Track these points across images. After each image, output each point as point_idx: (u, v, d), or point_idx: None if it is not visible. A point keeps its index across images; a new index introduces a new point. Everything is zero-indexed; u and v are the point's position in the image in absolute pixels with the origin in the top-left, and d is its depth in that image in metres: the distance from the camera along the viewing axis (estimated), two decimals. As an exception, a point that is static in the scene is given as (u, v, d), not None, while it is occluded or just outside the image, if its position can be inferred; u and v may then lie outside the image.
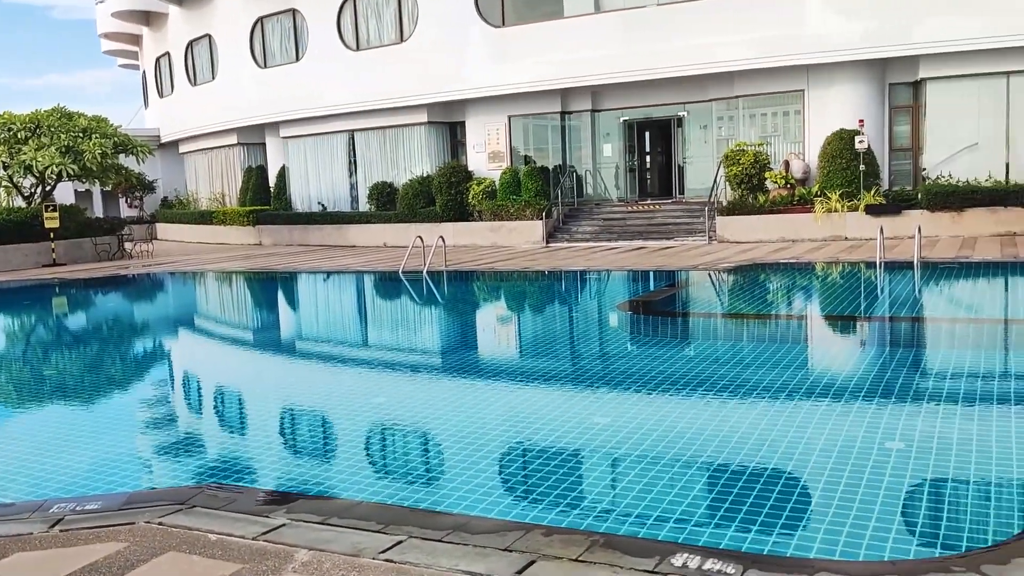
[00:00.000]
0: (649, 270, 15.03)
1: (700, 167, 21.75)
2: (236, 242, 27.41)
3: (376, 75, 23.99)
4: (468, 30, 22.41)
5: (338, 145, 25.97)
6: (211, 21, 29.14)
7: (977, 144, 17.93)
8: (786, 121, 20.34)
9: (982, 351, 7.98)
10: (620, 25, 20.51)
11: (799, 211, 18.30)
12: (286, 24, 26.53)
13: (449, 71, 22.70)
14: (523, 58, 21.60)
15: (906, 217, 17.25)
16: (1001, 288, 12.05)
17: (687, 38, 19.59)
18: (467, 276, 15.96)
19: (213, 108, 29.11)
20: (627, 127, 22.76)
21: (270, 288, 17.14)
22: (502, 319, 12.52)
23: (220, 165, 30.88)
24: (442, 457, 5.61)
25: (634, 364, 8.17)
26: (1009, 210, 16.72)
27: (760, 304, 12.26)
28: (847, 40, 18.12)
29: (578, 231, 21.23)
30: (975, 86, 17.84)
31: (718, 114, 21.27)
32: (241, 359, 10.40)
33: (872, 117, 18.80)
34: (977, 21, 17.09)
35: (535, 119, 23.24)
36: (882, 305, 11.03)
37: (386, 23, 24.23)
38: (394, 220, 23.38)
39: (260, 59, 27.38)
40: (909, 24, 17.66)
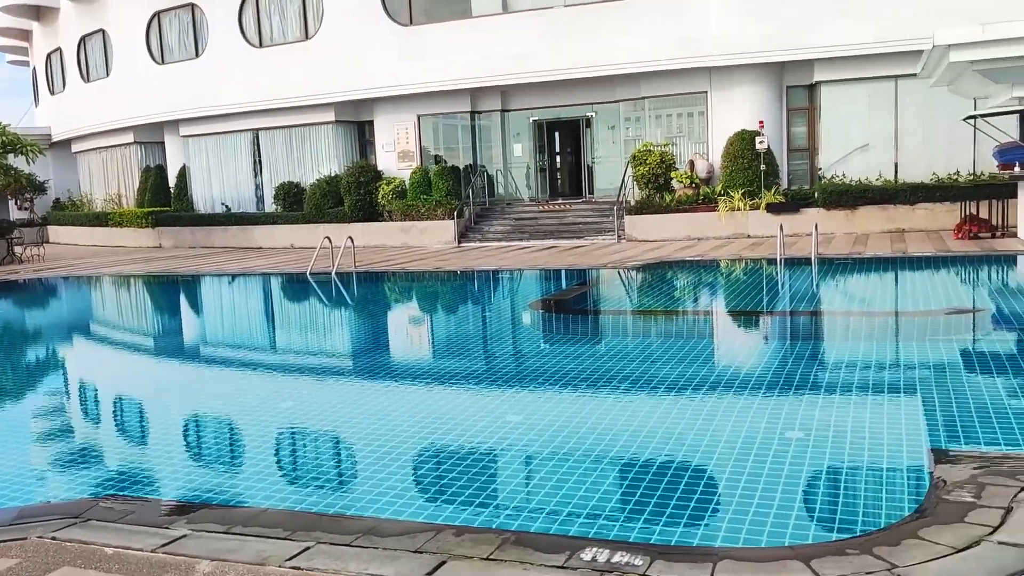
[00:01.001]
0: (561, 269, 15.16)
1: (609, 167, 22.08)
2: (134, 245, 26.44)
3: (281, 73, 23.49)
4: (375, 28, 22.18)
5: (242, 144, 25.33)
6: (105, 15, 28.01)
7: (868, 145, 18.76)
8: (691, 122, 20.85)
9: (874, 342, 8.34)
10: (529, 25, 20.64)
11: (704, 210, 18.77)
12: (185, 19, 25.71)
13: (356, 69, 22.41)
14: (432, 57, 21.50)
15: (804, 215, 17.89)
16: (891, 282, 12.62)
17: (595, 39, 19.86)
18: (377, 277, 15.79)
19: (108, 106, 27.97)
20: (537, 127, 22.93)
21: (171, 292, 16.59)
22: (413, 320, 12.44)
23: (116, 165, 29.70)
24: (353, 460, 5.53)
25: (546, 362, 8.23)
26: (898, 208, 17.55)
27: (668, 301, 12.52)
28: (747, 44, 18.70)
29: (490, 231, 21.27)
30: (866, 89, 18.66)
31: (625, 115, 21.64)
32: (141, 366, 10.02)
33: (771, 119, 19.44)
34: (867, 27, 17.87)
35: (445, 118, 23.18)
36: (783, 300, 11.41)
37: (290, 20, 23.76)
38: (301, 221, 22.95)
39: (158, 55, 26.47)
40: (804, 29, 18.33)
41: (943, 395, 5.95)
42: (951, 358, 7.32)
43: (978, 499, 3.86)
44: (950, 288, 11.86)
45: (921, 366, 6.98)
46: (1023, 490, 3.92)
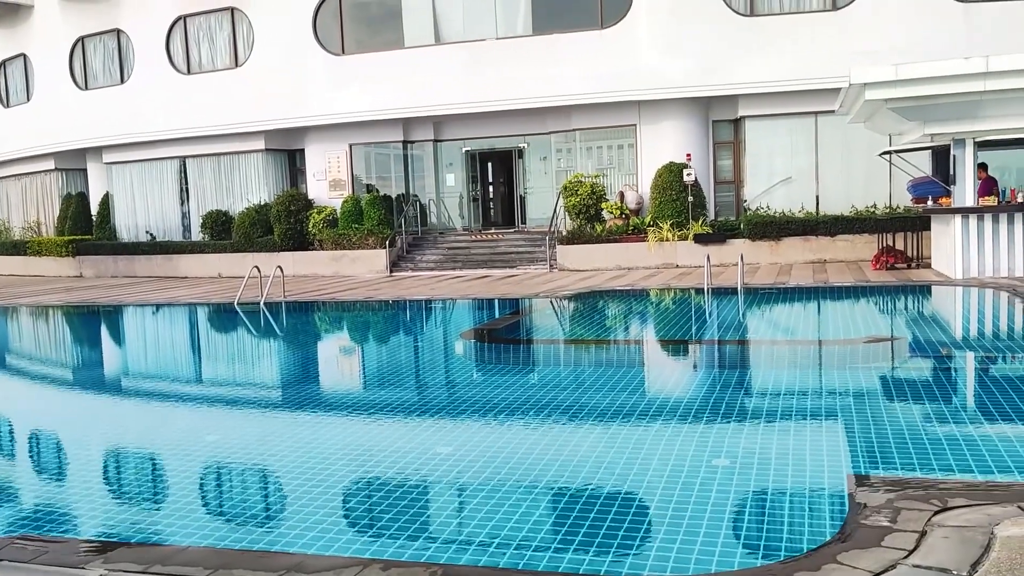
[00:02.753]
0: (493, 298, 15.19)
1: (541, 197, 22.31)
2: (53, 274, 25.58)
3: (209, 100, 23.16)
4: (307, 57, 22.08)
5: (168, 172, 24.81)
6: (26, 40, 27.28)
7: (791, 178, 19.38)
8: (621, 154, 21.24)
9: (797, 370, 8.56)
10: (461, 57, 20.81)
11: (634, 240, 19.08)
12: (110, 45, 25.20)
13: (287, 98, 22.25)
14: (364, 86, 21.49)
15: (731, 245, 18.34)
16: (814, 311, 13.00)
17: (526, 72, 20.13)
18: (307, 307, 15.58)
19: (28, 131, 27.14)
20: (470, 157, 23.06)
21: (91, 323, 16.07)
22: (343, 350, 12.29)
23: (35, 192, 28.76)
24: (279, 495, 5.41)
25: (478, 392, 8.21)
26: (819, 239, 18.13)
27: (599, 330, 12.65)
28: (673, 79, 19.19)
29: (423, 260, 21.22)
30: (788, 124, 19.32)
31: (557, 146, 21.93)
32: (57, 400, 9.66)
33: (698, 151, 19.94)
34: (787, 65, 18.55)
35: (377, 147, 23.14)
36: (710, 329, 11.64)
37: (220, 47, 23.49)
38: (230, 250, 22.55)
39: (81, 80, 25.85)
40: (728, 66, 18.93)
41: (862, 421, 6.13)
42: (870, 385, 7.56)
43: (894, 523, 3.98)
44: (869, 317, 12.28)
45: (842, 393, 7.18)
46: (936, 513, 4.06)
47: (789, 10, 18.95)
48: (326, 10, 21.95)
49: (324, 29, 22.01)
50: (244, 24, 22.94)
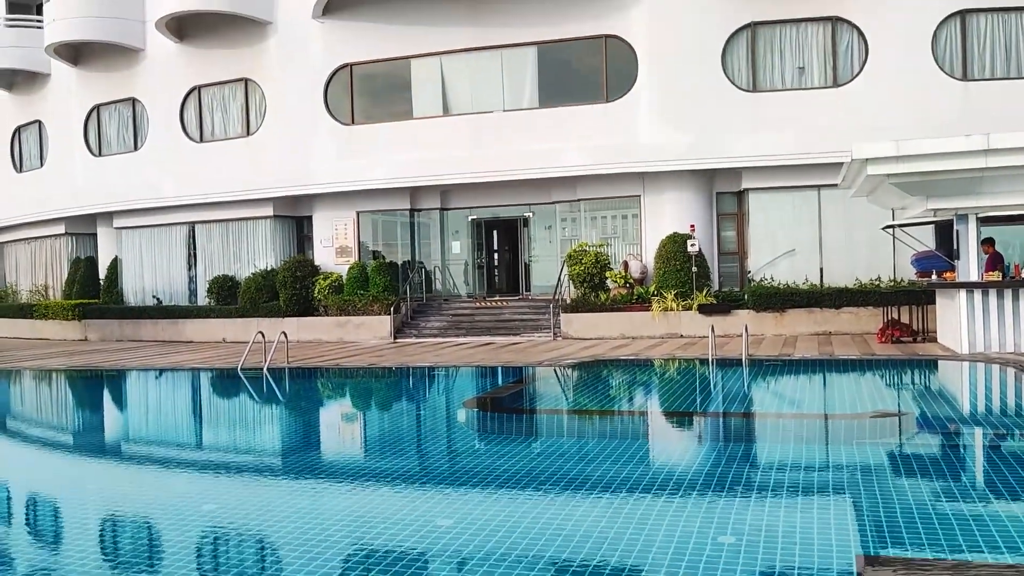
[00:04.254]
0: (497, 366, 15.14)
1: (545, 265, 22.44)
2: (58, 337, 25.62)
3: (220, 168, 23.54)
4: (317, 126, 22.50)
5: (177, 237, 25.05)
6: (43, 107, 27.90)
7: (795, 250, 19.48)
8: (625, 224, 21.42)
9: (804, 444, 8.46)
10: (468, 128, 21.18)
11: (638, 309, 19.10)
12: (125, 113, 25.74)
13: (297, 166, 22.59)
14: (372, 156, 21.83)
15: (735, 316, 18.33)
16: (819, 384, 12.92)
17: (532, 143, 20.45)
18: (310, 373, 15.53)
19: (40, 196, 27.57)
20: (475, 225, 23.27)
21: (93, 387, 16.02)
22: (345, 418, 12.20)
23: (45, 256, 29.03)
24: (277, 564, 5.31)
25: (481, 462, 8.12)
26: (824, 311, 18.13)
27: (603, 400, 12.56)
28: (676, 151, 19.48)
29: (427, 327, 21.23)
30: (791, 197, 19.51)
31: (562, 215, 22.14)
32: (55, 465, 9.57)
33: (702, 223, 20.10)
34: (789, 140, 18.86)
35: (384, 215, 23.38)
36: (715, 401, 11.55)
37: (232, 116, 23.97)
38: (235, 315, 22.61)
39: (95, 147, 26.33)
40: (730, 139, 19.23)
41: (871, 498, 6.04)
42: (878, 461, 7.46)
43: (906, 605, 3.88)
44: (876, 391, 12.18)
45: (849, 468, 7.09)
46: (948, 595, 3.96)
47: (791, 86, 19.34)
48: (337, 81, 22.45)
49: (335, 99, 22.48)
50: (257, 94, 23.44)
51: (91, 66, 25.99)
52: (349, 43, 22.11)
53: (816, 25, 19.14)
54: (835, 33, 19.05)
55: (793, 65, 19.37)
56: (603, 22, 20.11)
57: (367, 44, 21.97)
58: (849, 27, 18.96)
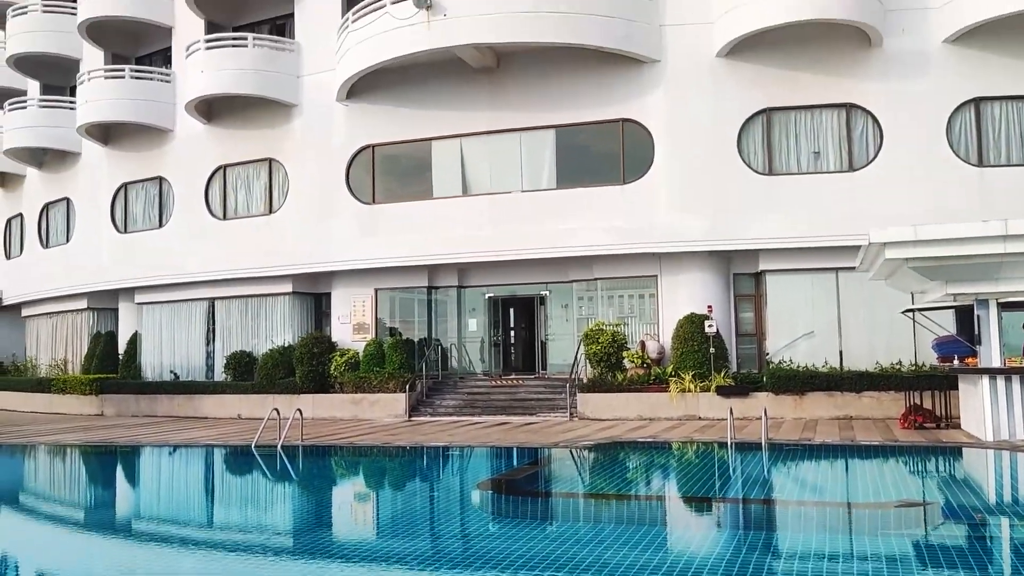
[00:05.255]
0: (512, 447, 14.97)
1: (562, 344, 22.38)
2: (75, 412, 25.64)
3: (242, 245, 23.88)
4: (338, 205, 22.85)
5: (197, 313, 25.27)
6: (72, 184, 28.61)
7: (813, 333, 19.35)
8: (642, 303, 21.40)
9: (827, 534, 8.25)
10: (487, 208, 21.43)
11: (655, 390, 18.93)
12: (152, 191, 26.32)
13: (317, 244, 22.88)
14: (392, 234, 22.08)
15: (754, 399, 18.12)
16: (841, 470, 12.66)
17: (550, 223, 20.64)
18: (324, 451, 15.41)
19: (65, 271, 28.03)
20: (492, 303, 23.34)
21: (106, 463, 15.94)
22: (358, 498, 12.05)
23: (66, 330, 29.31)
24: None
25: (495, 545, 7.95)
26: (844, 395, 17.88)
27: (620, 483, 12.34)
28: (692, 233, 19.60)
29: (442, 405, 21.10)
30: (809, 279, 19.49)
31: (579, 294, 22.18)
32: (65, 541, 9.46)
33: (719, 303, 20.06)
34: (805, 223, 18.95)
35: (402, 292, 23.51)
36: (735, 486, 11.33)
37: (255, 194, 24.42)
38: (251, 391, 22.60)
39: (121, 224, 26.86)
40: (746, 222, 19.34)
41: (896, 592, 5.84)
42: (903, 552, 7.25)
43: None
44: (899, 479, 11.92)
45: (873, 559, 6.88)
46: None
47: (807, 170, 19.52)
48: (359, 162, 22.89)
49: (356, 179, 22.88)
50: (280, 173, 23.93)
51: (121, 145, 26.69)
52: (372, 125, 22.63)
53: (830, 111, 19.42)
54: (849, 119, 19.31)
55: (808, 149, 19.59)
56: (620, 106, 20.50)
57: (389, 126, 22.46)
58: (863, 113, 19.22)
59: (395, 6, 20.29)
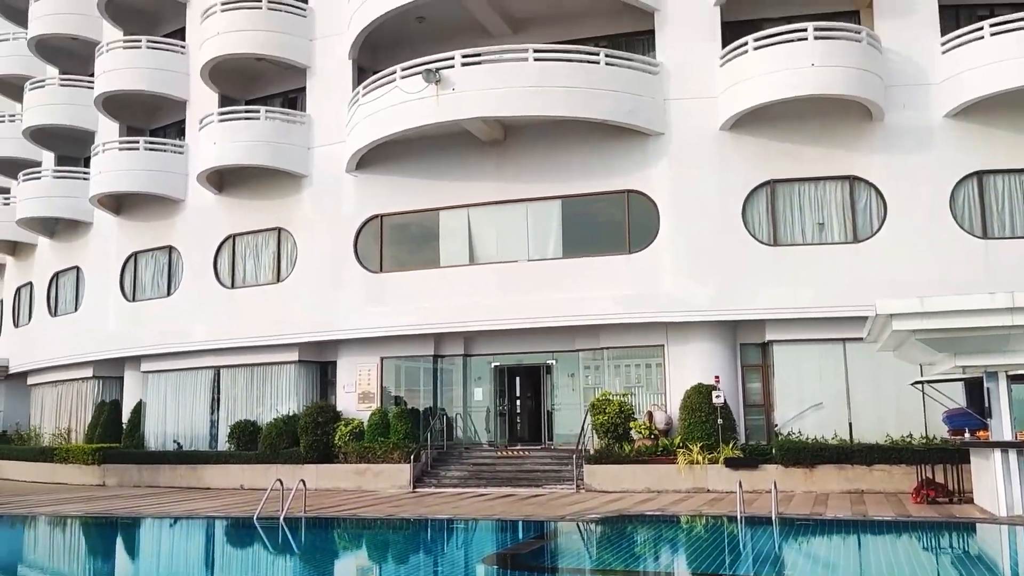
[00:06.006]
0: (518, 520, 14.74)
1: (568, 413, 22.20)
2: (77, 482, 25.42)
3: (250, 313, 23.97)
4: (346, 274, 22.99)
5: (202, 381, 25.22)
6: (82, 253, 28.89)
7: (822, 404, 19.19)
8: (649, 373, 21.28)
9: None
10: (494, 276, 21.53)
11: (663, 461, 18.70)
12: (161, 260, 26.54)
13: (324, 312, 22.95)
14: (399, 303, 22.14)
15: (763, 471, 17.88)
16: (854, 547, 12.40)
17: (556, 292, 20.70)
18: (327, 523, 15.19)
19: (72, 340, 28.13)
20: (498, 372, 23.24)
21: (106, 535, 15.71)
22: (361, 573, 11.82)
23: (71, 399, 29.24)
24: None
25: (498, 628, 7.77)
26: (855, 468, 17.62)
27: (627, 559, 12.10)
28: (699, 303, 19.62)
29: (447, 476, 20.86)
30: (816, 350, 19.41)
31: (585, 363, 22.09)
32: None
33: (727, 374, 19.95)
34: (811, 293, 18.99)
35: (408, 361, 23.45)
36: (745, 563, 11.09)
37: (264, 263, 24.61)
38: (254, 461, 22.41)
39: (129, 292, 27.03)
40: (752, 292, 19.37)
41: None
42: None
43: None
44: (913, 556, 11.66)
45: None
46: None
47: (811, 241, 19.62)
48: (367, 231, 23.11)
49: (364, 248, 23.06)
50: (289, 242, 24.14)
51: (132, 215, 27.03)
52: (380, 195, 22.91)
53: (834, 183, 19.61)
54: (853, 191, 19.50)
55: (813, 221, 19.72)
56: (625, 178, 20.74)
57: (398, 196, 22.73)
58: (867, 186, 19.41)
59: (405, 80, 20.74)
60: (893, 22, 19.44)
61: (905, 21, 19.42)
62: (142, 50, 26.20)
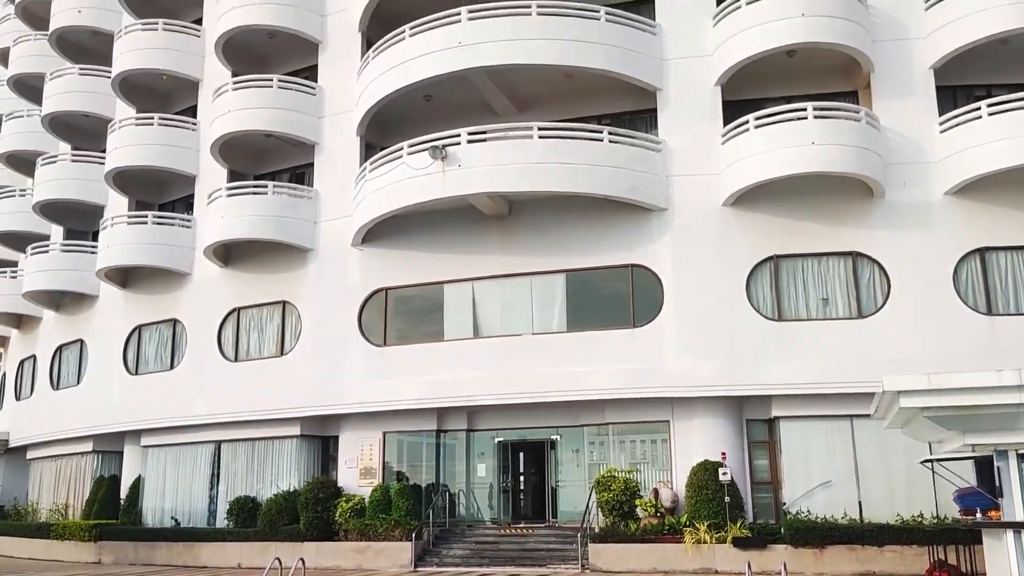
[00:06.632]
0: (521, 603, 14.38)
1: (573, 490, 21.88)
2: (72, 559, 24.95)
3: (252, 386, 23.87)
4: (350, 347, 22.95)
5: (202, 456, 24.96)
6: (87, 326, 28.93)
7: (831, 482, 18.89)
8: (654, 449, 21.03)
9: None
10: (498, 350, 21.47)
11: (670, 540, 18.34)
12: (165, 333, 26.57)
13: (327, 386, 22.83)
14: (402, 377, 22.04)
15: (772, 551, 17.52)
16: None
17: (560, 366, 20.61)
18: (327, 606, 14.80)
19: (73, 413, 27.99)
20: (502, 447, 22.98)
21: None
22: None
23: (69, 473, 28.91)
24: None
25: None
26: (866, 549, 17.26)
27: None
28: (704, 378, 19.52)
29: (449, 554, 20.45)
30: (824, 427, 19.21)
31: (590, 439, 21.85)
32: None
33: (733, 451, 19.71)
34: (816, 369, 18.89)
35: (410, 436, 23.23)
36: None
37: (268, 336, 24.61)
38: (253, 538, 22.02)
39: (132, 366, 27.00)
40: (757, 367, 19.29)
41: None
42: None
43: None
44: (929, 641, 11.31)
45: None
46: None
47: (815, 316, 19.61)
48: (372, 304, 23.14)
49: (368, 321, 23.06)
50: (293, 316, 24.17)
51: (138, 288, 27.15)
52: (385, 269, 23.01)
53: (837, 259, 19.70)
54: (856, 267, 19.57)
55: (817, 296, 19.75)
56: (629, 252, 20.85)
57: (402, 270, 22.84)
58: (870, 262, 19.49)
59: (411, 156, 21.07)
60: (891, 102, 19.82)
61: (903, 101, 19.80)
62: (154, 127, 26.73)
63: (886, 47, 20.11)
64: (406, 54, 21.64)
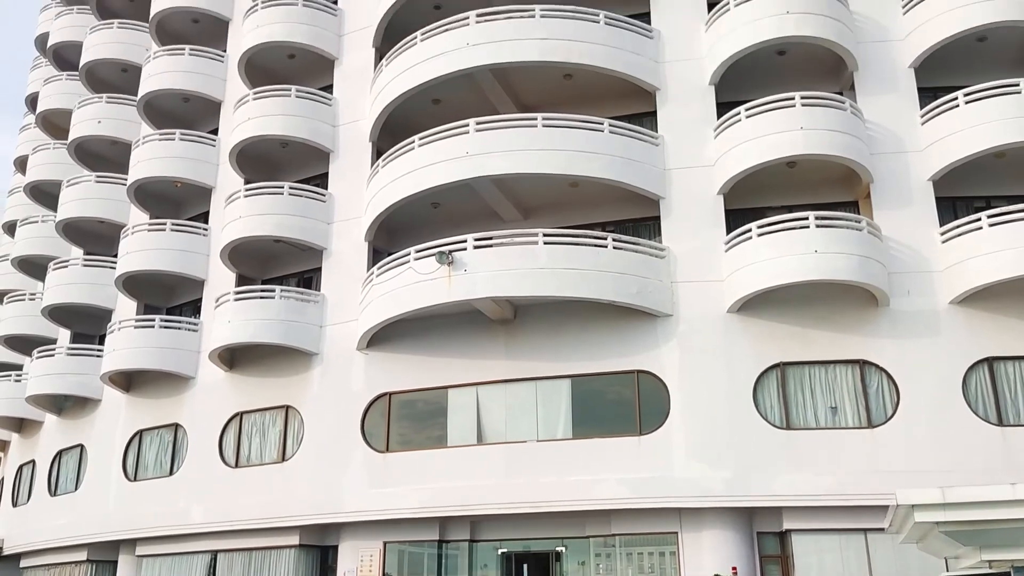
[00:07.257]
0: None
1: (580, 604, 21.11)
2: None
3: (251, 494, 23.42)
4: (352, 453, 22.61)
5: (197, 567, 24.24)
6: (88, 431, 28.65)
7: (846, 600, 18.22)
8: (662, 562, 20.38)
9: None
10: (502, 457, 21.13)
11: (681, 662, 17.56)
12: (166, 438, 26.29)
13: (328, 494, 22.40)
14: (404, 484, 21.63)
15: (789, 674, 16.73)
16: None
17: (565, 475, 20.22)
18: None
19: (69, 521, 27.36)
20: (505, 559, 22.30)
21: None
22: None
23: (61, 584, 28.06)
24: None
25: None
26: (887, 670, 16.50)
27: None
28: (712, 488, 19.10)
29: (449, 676, 19.57)
30: (837, 540, 18.64)
31: (596, 551, 21.21)
32: None
33: (744, 564, 19.11)
34: (827, 480, 18.46)
35: (412, 546, 22.61)
36: None
37: (270, 441, 24.31)
38: (246, 658, 21.12)
39: (131, 472, 26.59)
40: (766, 477, 18.88)
41: None
42: None
43: None
44: None
45: None
46: None
47: (824, 425, 19.32)
48: (375, 409, 22.92)
49: (371, 426, 22.78)
50: (296, 420, 23.93)
51: (141, 392, 27.00)
52: (389, 372, 22.89)
53: (844, 367, 19.56)
54: (864, 375, 19.41)
55: (825, 404, 19.52)
56: (634, 358, 20.76)
57: (407, 374, 22.71)
58: (877, 370, 19.35)
59: (418, 261, 21.29)
60: (891, 212, 20.10)
61: (903, 212, 20.07)
62: (166, 232, 27.17)
63: (886, 159, 20.54)
64: (415, 163, 22.18)
